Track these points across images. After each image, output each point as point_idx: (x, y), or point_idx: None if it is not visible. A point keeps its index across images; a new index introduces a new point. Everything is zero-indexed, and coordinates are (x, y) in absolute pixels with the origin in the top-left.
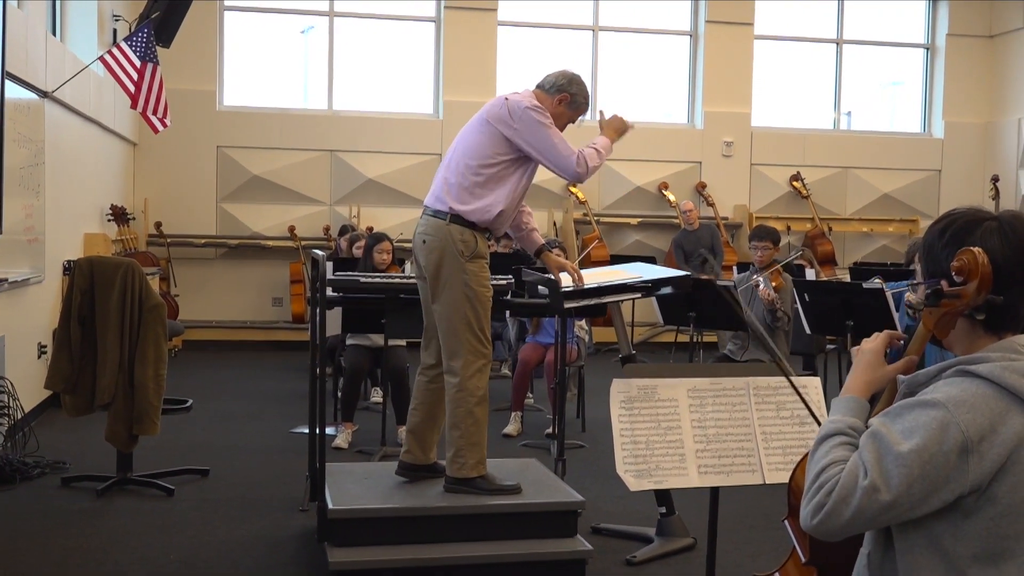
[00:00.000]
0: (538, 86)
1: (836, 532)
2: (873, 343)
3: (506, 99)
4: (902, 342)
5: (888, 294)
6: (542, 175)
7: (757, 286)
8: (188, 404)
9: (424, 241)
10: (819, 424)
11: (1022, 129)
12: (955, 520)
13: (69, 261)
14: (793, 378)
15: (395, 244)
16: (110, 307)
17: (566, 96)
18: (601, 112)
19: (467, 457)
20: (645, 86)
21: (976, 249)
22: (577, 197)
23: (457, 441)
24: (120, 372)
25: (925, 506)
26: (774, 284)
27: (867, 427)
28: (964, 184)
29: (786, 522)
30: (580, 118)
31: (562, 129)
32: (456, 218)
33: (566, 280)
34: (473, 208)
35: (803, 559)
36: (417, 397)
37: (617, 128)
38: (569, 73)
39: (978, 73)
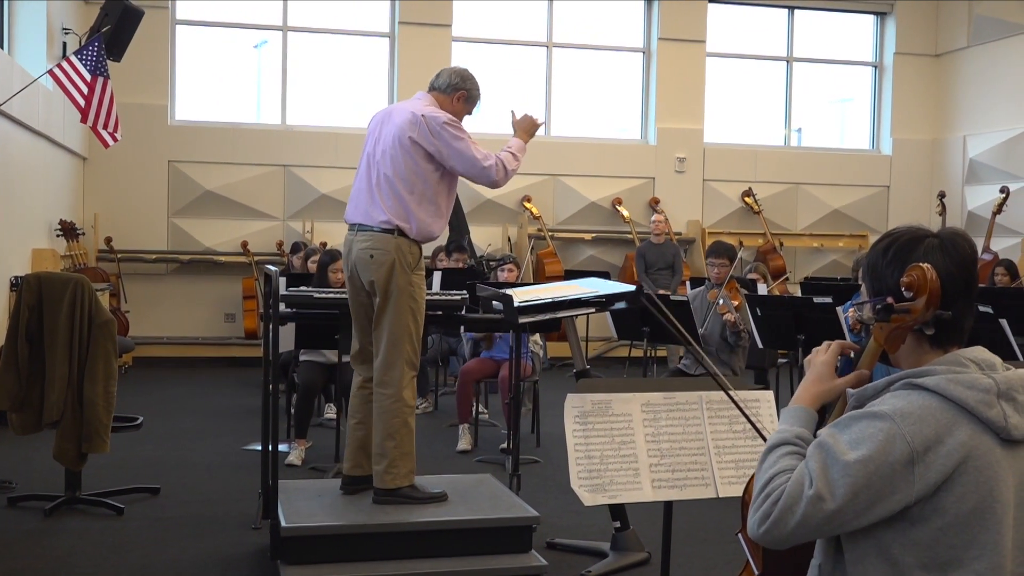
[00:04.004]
0: (435, 88)
1: (782, 540)
2: (824, 355)
3: (423, 116)
4: (853, 353)
5: (841, 316)
6: (494, 191)
7: (717, 304)
8: (138, 421)
9: (372, 256)
10: (764, 439)
11: (967, 146)
12: (903, 529)
13: (17, 277)
14: (734, 393)
15: None
16: (59, 323)
17: (463, 93)
18: (512, 112)
19: (400, 467)
20: (598, 102)
21: (925, 265)
22: (531, 212)
23: (392, 452)
24: (69, 389)
25: (870, 515)
26: (735, 303)
27: (816, 438)
28: (912, 200)
29: (740, 535)
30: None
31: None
32: (402, 232)
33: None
34: (414, 225)
35: (756, 572)
36: (360, 411)
37: (528, 128)
38: (460, 70)
39: (924, 91)
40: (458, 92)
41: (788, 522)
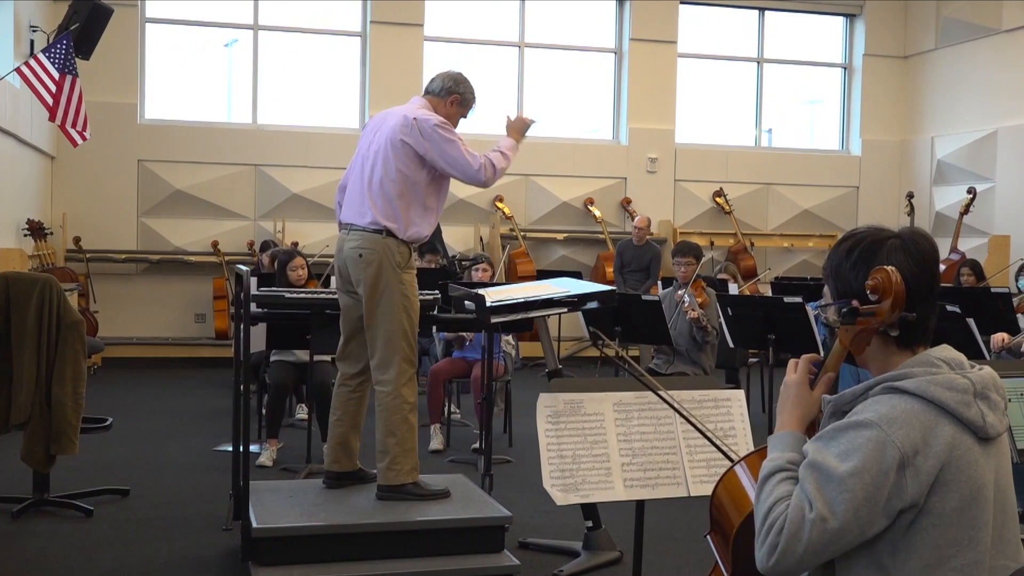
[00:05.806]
0: (428, 92)
1: (793, 569)
2: (795, 375)
3: (415, 119)
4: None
5: (811, 315)
6: (467, 190)
7: (683, 303)
8: (108, 422)
9: (360, 255)
10: (704, 435)
11: (935, 147)
12: (893, 537)
13: None
14: (665, 393)
15: (314, 259)
16: (26, 324)
17: (457, 97)
18: (508, 116)
19: (403, 464)
20: (571, 102)
21: (890, 268)
22: (503, 212)
23: (394, 448)
24: (37, 390)
25: (874, 527)
26: (699, 300)
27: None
28: (881, 200)
29: (708, 537)
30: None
31: (455, 126)
32: (390, 233)
33: (493, 295)
34: (403, 226)
35: (726, 574)
36: (340, 408)
37: (520, 128)
38: (454, 74)
39: (893, 92)
40: (452, 96)
41: (796, 549)
